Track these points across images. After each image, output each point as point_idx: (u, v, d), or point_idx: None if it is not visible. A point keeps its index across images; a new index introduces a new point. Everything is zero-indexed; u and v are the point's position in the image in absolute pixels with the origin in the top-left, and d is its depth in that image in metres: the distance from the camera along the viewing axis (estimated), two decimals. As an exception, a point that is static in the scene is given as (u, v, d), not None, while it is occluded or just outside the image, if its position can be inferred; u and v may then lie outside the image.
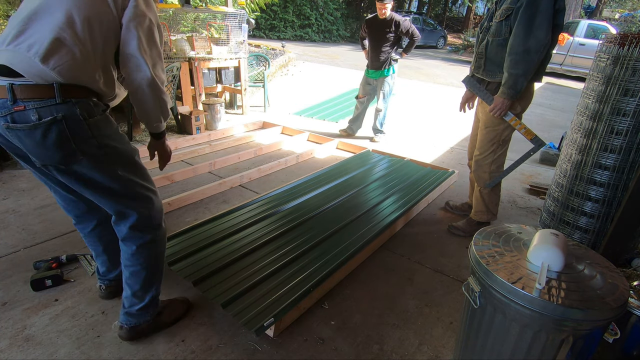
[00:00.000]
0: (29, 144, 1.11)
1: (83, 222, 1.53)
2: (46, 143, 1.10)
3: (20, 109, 1.06)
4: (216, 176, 3.12)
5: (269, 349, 1.49)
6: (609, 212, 1.95)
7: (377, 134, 4.25)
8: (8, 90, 1.05)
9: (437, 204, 2.84)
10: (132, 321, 1.46)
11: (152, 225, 1.39)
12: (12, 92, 1.05)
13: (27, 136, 1.09)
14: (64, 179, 1.23)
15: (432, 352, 1.53)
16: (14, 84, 1.05)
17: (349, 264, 1.94)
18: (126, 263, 1.40)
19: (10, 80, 1.05)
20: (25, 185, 2.78)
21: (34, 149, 1.12)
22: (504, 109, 2.02)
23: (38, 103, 1.07)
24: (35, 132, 1.08)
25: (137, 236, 1.36)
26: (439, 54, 14.23)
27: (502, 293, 1.04)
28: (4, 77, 1.06)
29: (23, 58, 1.04)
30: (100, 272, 1.68)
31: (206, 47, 4.30)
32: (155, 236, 1.41)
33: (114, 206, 1.32)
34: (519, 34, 1.84)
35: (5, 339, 1.48)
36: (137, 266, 1.39)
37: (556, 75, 10.02)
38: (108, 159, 1.23)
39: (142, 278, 1.41)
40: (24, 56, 1.04)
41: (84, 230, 1.55)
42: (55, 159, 1.14)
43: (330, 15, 15.17)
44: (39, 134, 1.08)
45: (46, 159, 1.15)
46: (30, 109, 1.07)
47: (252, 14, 7.67)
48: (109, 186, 1.26)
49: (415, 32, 3.79)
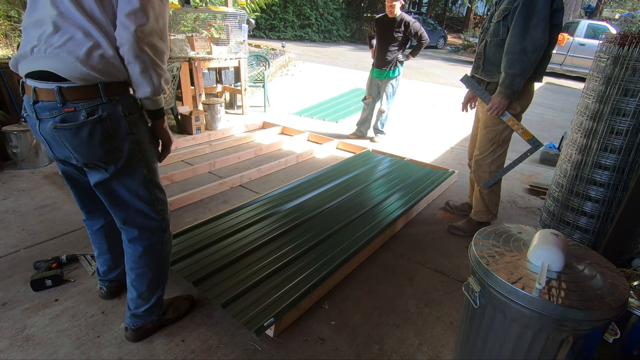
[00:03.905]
0: (75, 142, 1.15)
1: (94, 218, 1.54)
2: (92, 141, 1.15)
3: (70, 110, 1.12)
4: (216, 176, 3.12)
5: (269, 349, 1.49)
6: (609, 212, 1.95)
7: (377, 134, 4.24)
8: (57, 93, 1.09)
9: (437, 204, 2.84)
10: (138, 322, 1.47)
11: (160, 227, 1.39)
12: (60, 95, 1.10)
13: (73, 135, 1.14)
14: (94, 180, 1.25)
15: (432, 352, 1.53)
16: (61, 86, 1.09)
17: (349, 264, 1.94)
18: (132, 266, 1.39)
19: (57, 84, 1.09)
20: (25, 185, 2.78)
21: (79, 146, 1.16)
22: (502, 109, 2.02)
23: (87, 104, 1.12)
24: (81, 130, 1.13)
25: (145, 238, 1.36)
26: (439, 54, 14.23)
27: (502, 293, 1.04)
28: (49, 81, 1.10)
29: (66, 63, 1.07)
30: (101, 273, 1.67)
31: (206, 47, 4.30)
32: (163, 238, 1.41)
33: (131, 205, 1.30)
34: (516, 33, 1.84)
35: (5, 339, 1.48)
36: (143, 268, 1.39)
37: (556, 75, 10.02)
38: (141, 156, 1.27)
39: (148, 280, 1.41)
40: (66, 61, 1.07)
41: (93, 227, 1.56)
42: (98, 156, 1.18)
43: (330, 15, 15.17)
44: (86, 132, 1.13)
45: (89, 157, 1.18)
46: (80, 109, 1.12)
47: (252, 14, 7.67)
48: (136, 188, 1.28)
49: (424, 34, 3.74)
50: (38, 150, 3.08)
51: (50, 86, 1.09)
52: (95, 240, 1.60)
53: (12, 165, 3.10)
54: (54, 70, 1.08)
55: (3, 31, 5.75)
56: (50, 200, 2.56)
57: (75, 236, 2.17)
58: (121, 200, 1.29)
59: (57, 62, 1.07)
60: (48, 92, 1.10)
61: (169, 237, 1.45)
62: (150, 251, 1.38)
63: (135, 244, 1.36)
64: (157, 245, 1.39)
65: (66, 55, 1.06)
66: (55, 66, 1.07)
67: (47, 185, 2.78)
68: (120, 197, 1.29)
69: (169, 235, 1.45)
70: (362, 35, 16.57)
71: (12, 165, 3.09)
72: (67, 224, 2.29)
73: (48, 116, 1.13)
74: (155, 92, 1.18)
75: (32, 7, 1.11)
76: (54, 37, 1.06)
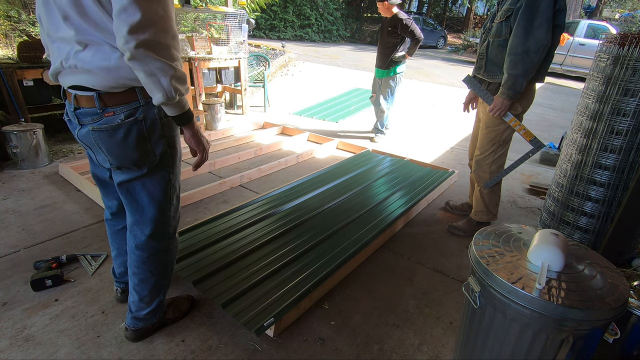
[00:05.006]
0: (110, 144, 1.16)
1: (118, 218, 1.53)
2: (127, 142, 1.16)
3: (110, 114, 1.14)
4: (216, 176, 3.12)
5: (269, 349, 1.49)
6: (609, 212, 1.95)
7: (376, 134, 4.25)
8: (96, 100, 1.12)
9: (437, 204, 2.84)
10: (139, 324, 1.47)
11: (168, 234, 1.39)
12: (100, 100, 1.12)
13: (110, 137, 1.15)
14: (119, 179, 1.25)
15: (432, 352, 1.53)
16: (100, 92, 1.12)
17: (349, 264, 1.94)
18: (135, 271, 1.39)
19: (96, 91, 1.11)
20: (25, 185, 2.78)
21: (114, 148, 1.17)
22: (504, 109, 2.02)
23: (125, 107, 1.14)
24: (117, 132, 1.15)
25: (152, 245, 1.35)
26: (439, 54, 14.23)
27: (502, 293, 1.04)
28: (88, 90, 1.12)
29: (99, 77, 1.09)
30: (117, 274, 1.66)
31: (206, 47, 4.30)
32: (169, 245, 1.40)
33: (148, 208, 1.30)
34: (519, 34, 1.84)
35: (5, 339, 1.48)
36: (146, 274, 1.38)
37: (556, 75, 10.02)
38: (170, 160, 1.28)
39: (151, 285, 1.41)
40: (99, 75, 1.08)
41: (115, 227, 1.55)
42: (133, 158, 1.19)
43: (330, 15, 15.16)
44: (121, 134, 1.15)
45: (123, 160, 1.19)
46: (119, 113, 1.14)
47: (252, 14, 7.67)
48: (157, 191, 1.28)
49: (416, 31, 3.73)
50: (38, 150, 3.08)
51: (90, 93, 1.12)
52: (115, 241, 1.58)
53: (12, 165, 3.10)
54: (91, 85, 1.11)
55: (3, 31, 5.76)
56: (50, 200, 2.56)
57: (75, 236, 2.18)
58: (140, 201, 1.29)
59: (91, 77, 1.09)
60: (88, 99, 1.13)
61: (175, 245, 1.45)
62: (155, 258, 1.37)
63: (141, 250, 1.35)
64: (162, 252, 1.39)
65: (98, 70, 1.08)
66: (91, 82, 1.10)
67: (47, 185, 2.79)
68: (141, 198, 1.29)
69: (175, 243, 1.45)
70: (362, 35, 16.57)
71: (12, 165, 3.09)
72: (67, 224, 2.29)
73: (89, 121, 1.16)
74: (167, 96, 1.05)
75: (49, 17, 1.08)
76: (83, 54, 1.07)
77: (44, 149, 3.13)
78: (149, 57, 0.99)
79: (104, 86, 1.10)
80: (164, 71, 1.02)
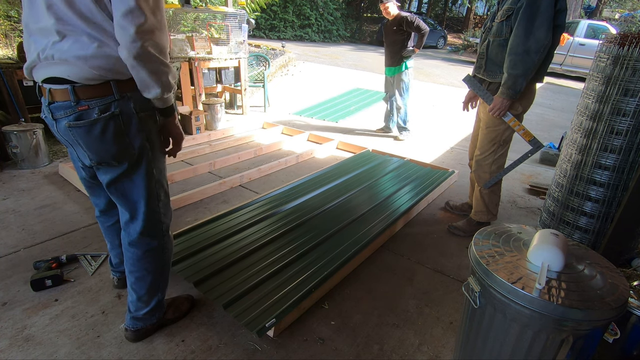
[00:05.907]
0: (89, 139, 1.16)
1: (107, 215, 1.56)
2: (105, 137, 1.16)
3: (84, 108, 1.13)
4: (216, 176, 3.12)
5: (269, 349, 1.49)
6: (609, 212, 1.95)
7: (401, 132, 4.36)
8: (71, 93, 1.11)
9: (437, 204, 2.84)
10: (138, 325, 1.47)
11: (161, 230, 1.39)
12: (74, 94, 1.11)
13: (87, 132, 1.15)
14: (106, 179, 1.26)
15: (432, 352, 1.53)
16: (75, 85, 1.11)
17: (349, 264, 1.94)
18: (131, 269, 1.39)
19: (71, 84, 1.11)
20: (25, 185, 2.78)
21: (93, 144, 1.17)
22: (504, 109, 2.02)
23: (100, 101, 1.13)
24: (94, 127, 1.14)
25: (145, 242, 1.36)
26: (439, 54, 14.23)
27: (502, 293, 1.04)
28: (62, 84, 1.11)
29: (76, 68, 1.08)
30: (113, 264, 1.71)
31: (206, 47, 4.30)
32: (163, 242, 1.41)
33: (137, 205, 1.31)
34: (519, 34, 1.84)
35: (5, 339, 1.48)
36: (142, 272, 1.39)
37: (556, 75, 10.02)
38: (151, 155, 1.27)
39: (147, 284, 1.41)
40: (75, 65, 1.08)
41: (106, 223, 1.59)
42: (111, 153, 1.19)
43: (330, 15, 15.16)
44: (99, 129, 1.15)
45: (103, 155, 1.19)
46: (93, 107, 1.13)
47: (252, 14, 7.67)
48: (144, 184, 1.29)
49: (421, 24, 3.85)
50: (38, 150, 3.08)
51: (65, 86, 1.11)
52: (108, 235, 1.62)
53: (12, 165, 3.10)
54: (66, 75, 1.10)
55: (3, 31, 5.76)
56: (50, 200, 2.56)
57: (75, 236, 2.18)
58: (128, 198, 1.30)
59: (67, 67, 1.08)
60: (62, 92, 1.12)
61: (170, 241, 1.45)
62: (149, 255, 1.38)
63: (135, 247, 1.36)
64: (156, 249, 1.39)
65: (75, 60, 1.07)
66: (67, 72, 1.09)
67: (47, 185, 2.79)
68: (128, 195, 1.29)
69: (170, 239, 1.45)
70: (362, 35, 16.56)
71: (12, 165, 3.09)
72: (67, 224, 2.29)
73: (62, 115, 1.14)
74: (164, 91, 1.16)
75: (31, 9, 1.10)
76: (60, 44, 1.07)
77: (44, 149, 3.13)
78: (154, 57, 1.08)
79: (79, 77, 1.09)
80: (164, 69, 1.13)
